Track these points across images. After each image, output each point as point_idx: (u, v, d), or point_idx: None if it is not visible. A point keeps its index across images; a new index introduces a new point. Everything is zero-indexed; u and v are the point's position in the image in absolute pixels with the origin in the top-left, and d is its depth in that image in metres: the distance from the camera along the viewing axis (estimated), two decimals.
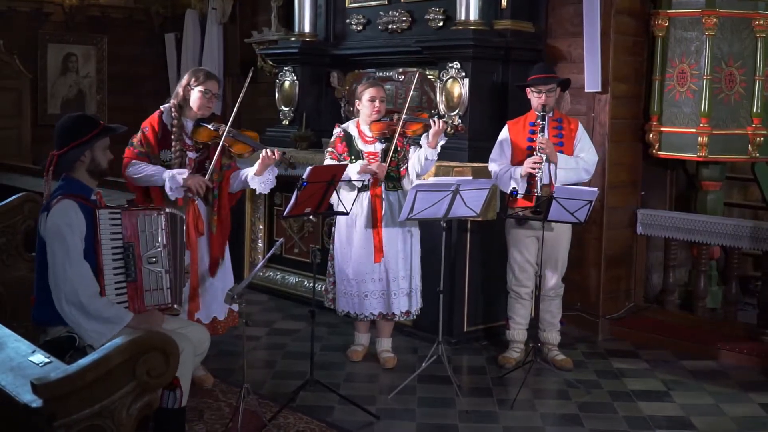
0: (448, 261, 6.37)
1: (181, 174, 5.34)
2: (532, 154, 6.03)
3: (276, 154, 5.48)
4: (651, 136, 7.18)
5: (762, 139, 7.01)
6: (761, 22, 6.89)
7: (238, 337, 5.64)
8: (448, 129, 5.94)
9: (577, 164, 6.11)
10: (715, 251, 7.56)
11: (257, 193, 5.81)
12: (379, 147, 6.09)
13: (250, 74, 5.70)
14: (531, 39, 7.30)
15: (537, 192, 5.93)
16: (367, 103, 6.09)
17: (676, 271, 7.51)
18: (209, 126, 5.52)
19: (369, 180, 6.01)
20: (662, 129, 7.13)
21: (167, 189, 5.35)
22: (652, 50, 7.21)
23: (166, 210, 4.50)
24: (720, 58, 6.91)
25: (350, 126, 6.22)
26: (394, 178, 6.13)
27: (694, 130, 6.93)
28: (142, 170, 5.41)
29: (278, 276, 8.27)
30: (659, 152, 7.18)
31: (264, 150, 5.52)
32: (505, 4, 7.12)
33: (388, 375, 6.10)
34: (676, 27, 7.04)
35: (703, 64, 6.89)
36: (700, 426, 5.32)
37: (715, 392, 5.92)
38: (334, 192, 5.65)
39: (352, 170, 5.93)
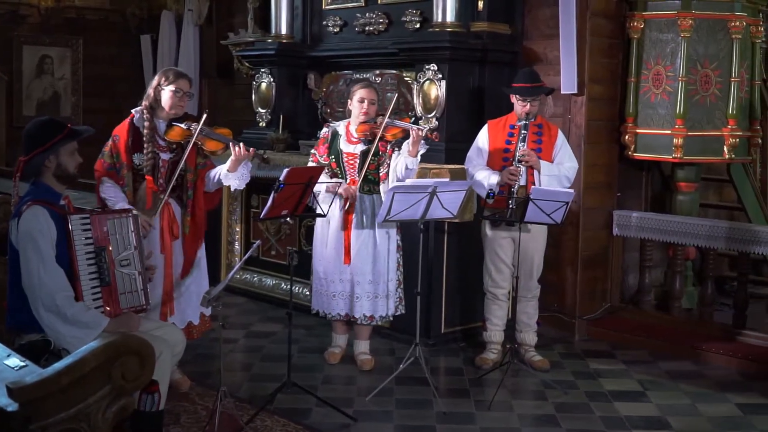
0: (426, 262, 6.37)
1: None
2: (508, 158, 6.05)
3: (250, 152, 5.45)
4: (627, 137, 7.21)
5: (737, 140, 7.06)
6: (737, 23, 6.94)
7: (214, 339, 5.64)
8: (425, 133, 5.92)
9: (559, 171, 6.12)
10: (691, 252, 7.60)
11: (233, 189, 5.77)
12: (359, 149, 6.08)
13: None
14: (507, 41, 7.33)
15: (511, 204, 5.94)
16: (356, 104, 6.08)
17: (651, 272, 7.55)
18: (182, 125, 5.48)
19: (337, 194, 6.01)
20: (638, 130, 7.16)
21: None
22: (627, 52, 7.24)
23: (134, 212, 4.50)
24: (695, 59, 6.95)
25: (340, 125, 6.23)
26: (371, 181, 6.12)
27: (669, 132, 6.97)
28: (104, 192, 5.40)
29: (255, 278, 8.24)
30: (635, 154, 7.22)
31: (235, 146, 5.46)
32: (481, 6, 7.15)
33: (366, 377, 6.10)
34: (651, 29, 7.08)
35: (679, 65, 6.93)
36: (677, 426, 5.34)
37: (692, 392, 5.95)
38: (312, 193, 5.64)
39: (322, 185, 5.90)
